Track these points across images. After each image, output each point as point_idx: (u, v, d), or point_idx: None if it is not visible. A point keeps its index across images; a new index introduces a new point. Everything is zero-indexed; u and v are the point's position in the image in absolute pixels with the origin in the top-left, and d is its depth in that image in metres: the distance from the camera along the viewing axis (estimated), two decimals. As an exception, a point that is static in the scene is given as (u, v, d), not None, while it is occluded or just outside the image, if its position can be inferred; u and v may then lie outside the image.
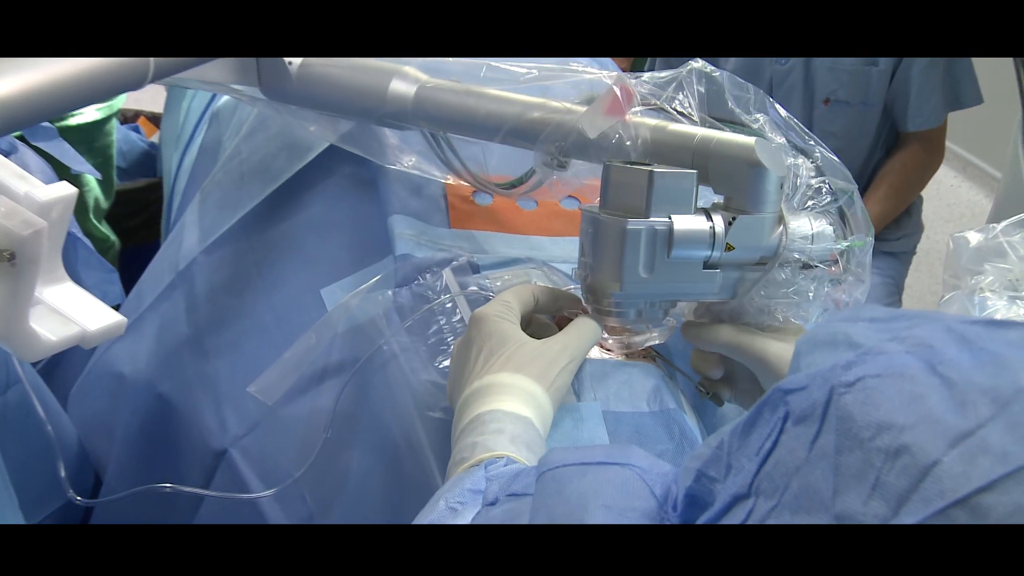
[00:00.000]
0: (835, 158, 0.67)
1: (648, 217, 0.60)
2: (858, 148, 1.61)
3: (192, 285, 0.89)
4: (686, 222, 0.60)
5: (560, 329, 0.64)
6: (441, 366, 0.70)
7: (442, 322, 0.72)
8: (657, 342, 0.68)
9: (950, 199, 2.81)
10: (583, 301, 0.67)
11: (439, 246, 0.79)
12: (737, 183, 0.62)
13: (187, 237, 0.92)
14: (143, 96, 0.97)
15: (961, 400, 0.28)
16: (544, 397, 0.57)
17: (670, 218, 0.60)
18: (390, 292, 0.74)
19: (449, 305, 0.72)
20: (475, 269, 0.76)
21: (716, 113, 0.67)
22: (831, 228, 0.64)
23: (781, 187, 0.62)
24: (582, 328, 0.63)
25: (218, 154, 1.00)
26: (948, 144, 1.68)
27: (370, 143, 0.82)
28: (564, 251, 0.83)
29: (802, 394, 0.32)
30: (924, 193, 1.73)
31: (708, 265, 0.62)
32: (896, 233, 1.70)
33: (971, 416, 0.28)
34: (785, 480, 0.31)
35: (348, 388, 0.72)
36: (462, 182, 0.82)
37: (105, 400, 0.89)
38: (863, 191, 1.53)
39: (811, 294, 0.64)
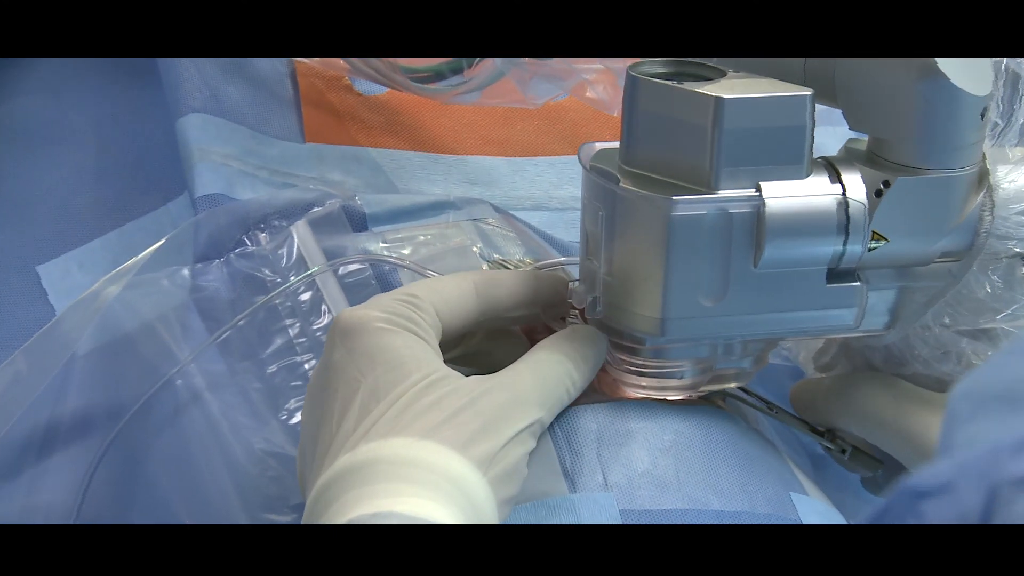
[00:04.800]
0: None
1: (715, 190, 0.44)
2: None
3: None
4: (789, 192, 0.45)
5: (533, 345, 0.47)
6: (292, 422, 0.55)
7: (293, 331, 0.57)
8: (734, 385, 0.52)
9: None
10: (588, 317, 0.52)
11: (285, 177, 0.66)
12: (895, 113, 0.46)
13: None
14: None
15: None
16: (480, 486, 0.42)
17: (757, 187, 0.44)
18: (186, 272, 0.60)
19: (306, 296, 0.57)
20: (359, 223, 0.62)
21: None
22: None
23: (983, 119, 0.46)
24: (568, 345, 0.46)
25: None
26: None
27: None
28: (536, 185, 0.69)
29: (944, 501, 0.25)
30: None
31: (836, 274, 0.46)
32: None
33: None
34: None
35: (104, 466, 0.55)
36: (339, 66, 0.67)
37: None
38: None
39: None
